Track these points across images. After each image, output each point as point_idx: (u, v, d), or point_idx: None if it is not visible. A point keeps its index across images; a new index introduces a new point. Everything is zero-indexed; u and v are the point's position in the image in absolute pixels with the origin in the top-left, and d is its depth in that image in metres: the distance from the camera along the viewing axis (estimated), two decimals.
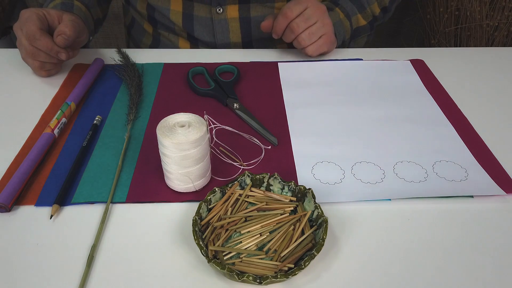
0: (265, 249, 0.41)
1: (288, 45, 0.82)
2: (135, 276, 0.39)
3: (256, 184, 0.47)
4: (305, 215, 0.43)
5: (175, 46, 0.82)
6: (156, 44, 0.84)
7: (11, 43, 1.34)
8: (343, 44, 0.77)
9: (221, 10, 0.74)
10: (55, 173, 0.50)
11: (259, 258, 0.40)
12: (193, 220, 0.41)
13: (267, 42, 0.80)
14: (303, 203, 0.45)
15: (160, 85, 0.66)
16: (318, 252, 0.38)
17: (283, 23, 0.68)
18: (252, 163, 0.52)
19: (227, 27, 0.76)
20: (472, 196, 0.48)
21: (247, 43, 0.79)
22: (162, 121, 0.45)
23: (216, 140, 0.55)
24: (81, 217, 0.45)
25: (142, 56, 0.74)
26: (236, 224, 0.43)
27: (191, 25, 0.76)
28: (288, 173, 0.50)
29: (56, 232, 0.43)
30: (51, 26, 0.65)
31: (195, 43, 0.80)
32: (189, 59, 0.73)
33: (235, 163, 0.52)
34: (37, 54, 0.63)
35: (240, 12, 0.75)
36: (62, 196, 0.46)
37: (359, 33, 0.79)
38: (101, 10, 0.82)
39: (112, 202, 0.46)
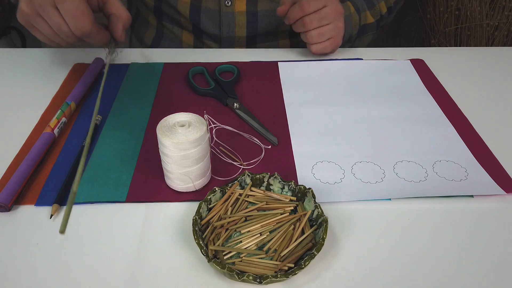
0: (265, 248, 0.41)
1: (291, 42, 0.82)
2: (135, 276, 0.39)
3: (256, 183, 0.47)
4: (305, 214, 0.43)
5: (178, 39, 0.82)
6: (159, 37, 0.84)
7: (11, 43, 1.34)
8: (349, 40, 0.76)
9: (230, 3, 0.74)
10: (55, 173, 0.50)
11: (259, 258, 0.40)
12: (193, 219, 0.41)
13: (270, 36, 0.80)
14: (303, 203, 0.45)
15: (160, 85, 0.66)
16: (318, 252, 0.38)
17: (297, 14, 0.67)
18: (252, 163, 0.52)
19: (234, 21, 0.76)
20: (472, 196, 0.48)
21: (251, 38, 0.79)
22: (162, 120, 0.45)
23: (216, 140, 0.55)
24: (81, 217, 0.45)
25: (142, 55, 0.74)
26: (236, 224, 0.43)
27: (198, 17, 0.76)
28: (288, 172, 0.50)
29: (56, 232, 0.43)
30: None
31: (200, 36, 0.80)
32: (189, 59, 0.73)
33: (235, 163, 0.52)
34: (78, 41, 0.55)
35: (247, 6, 0.75)
36: (62, 196, 0.46)
37: (365, 30, 0.78)
38: None
39: (112, 202, 0.46)
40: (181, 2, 0.76)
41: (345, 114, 0.60)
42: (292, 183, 0.46)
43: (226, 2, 0.74)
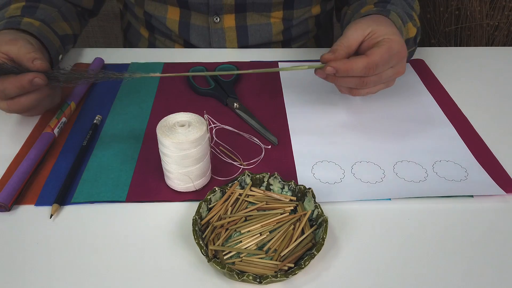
0: (265, 248, 0.41)
1: (286, 46, 0.82)
2: (135, 276, 0.39)
3: (256, 183, 0.47)
4: (305, 214, 0.43)
5: None
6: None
7: None
8: None
9: (218, 19, 0.74)
10: (55, 173, 0.50)
11: (259, 258, 0.40)
12: (193, 219, 0.41)
13: (263, 46, 0.80)
14: (303, 203, 0.45)
15: (160, 85, 0.66)
16: (318, 252, 0.39)
17: (356, 71, 0.50)
18: (252, 163, 0.52)
19: (224, 36, 0.76)
20: (472, 196, 0.48)
21: None
22: (162, 120, 0.45)
23: (216, 140, 0.55)
24: (81, 217, 0.45)
25: (142, 56, 0.74)
26: (236, 224, 0.43)
27: (187, 33, 0.76)
28: (288, 172, 0.50)
29: (56, 232, 0.43)
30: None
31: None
32: (189, 59, 0.73)
33: (235, 163, 0.52)
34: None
35: (236, 21, 0.74)
36: (62, 196, 0.46)
37: (408, 46, 0.62)
38: (73, 25, 0.70)
39: (112, 202, 0.47)
40: (170, 20, 0.75)
41: (345, 114, 0.60)
42: (292, 183, 0.46)
43: (215, 18, 0.74)
